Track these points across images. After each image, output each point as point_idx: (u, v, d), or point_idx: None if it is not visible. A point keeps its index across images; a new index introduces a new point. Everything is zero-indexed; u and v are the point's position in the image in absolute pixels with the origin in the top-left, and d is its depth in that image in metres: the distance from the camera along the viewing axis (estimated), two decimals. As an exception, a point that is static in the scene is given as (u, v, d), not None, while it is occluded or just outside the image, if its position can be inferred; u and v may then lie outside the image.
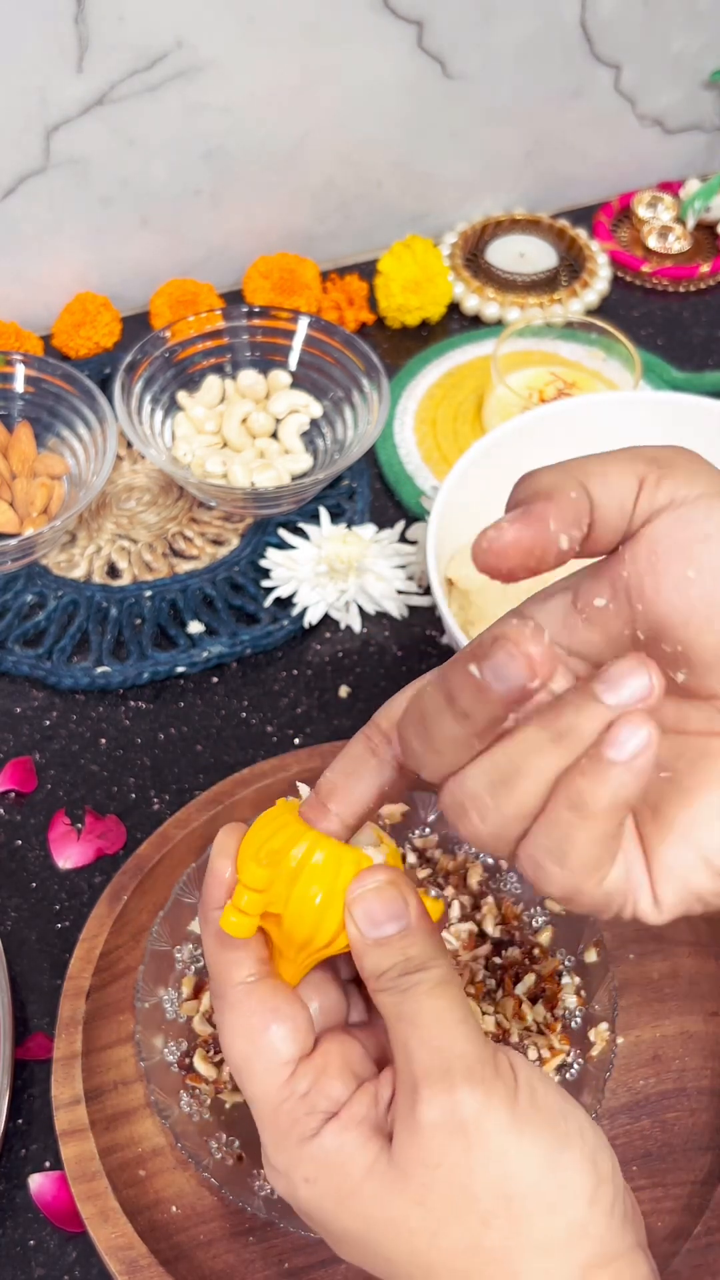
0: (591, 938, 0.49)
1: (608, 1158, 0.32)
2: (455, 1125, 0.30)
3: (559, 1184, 0.30)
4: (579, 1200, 0.30)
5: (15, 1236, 0.45)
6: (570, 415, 0.61)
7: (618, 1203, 0.31)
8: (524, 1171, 0.30)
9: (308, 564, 0.64)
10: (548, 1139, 0.30)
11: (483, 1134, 0.30)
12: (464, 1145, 0.30)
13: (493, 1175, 0.30)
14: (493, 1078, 0.31)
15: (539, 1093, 0.31)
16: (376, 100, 0.79)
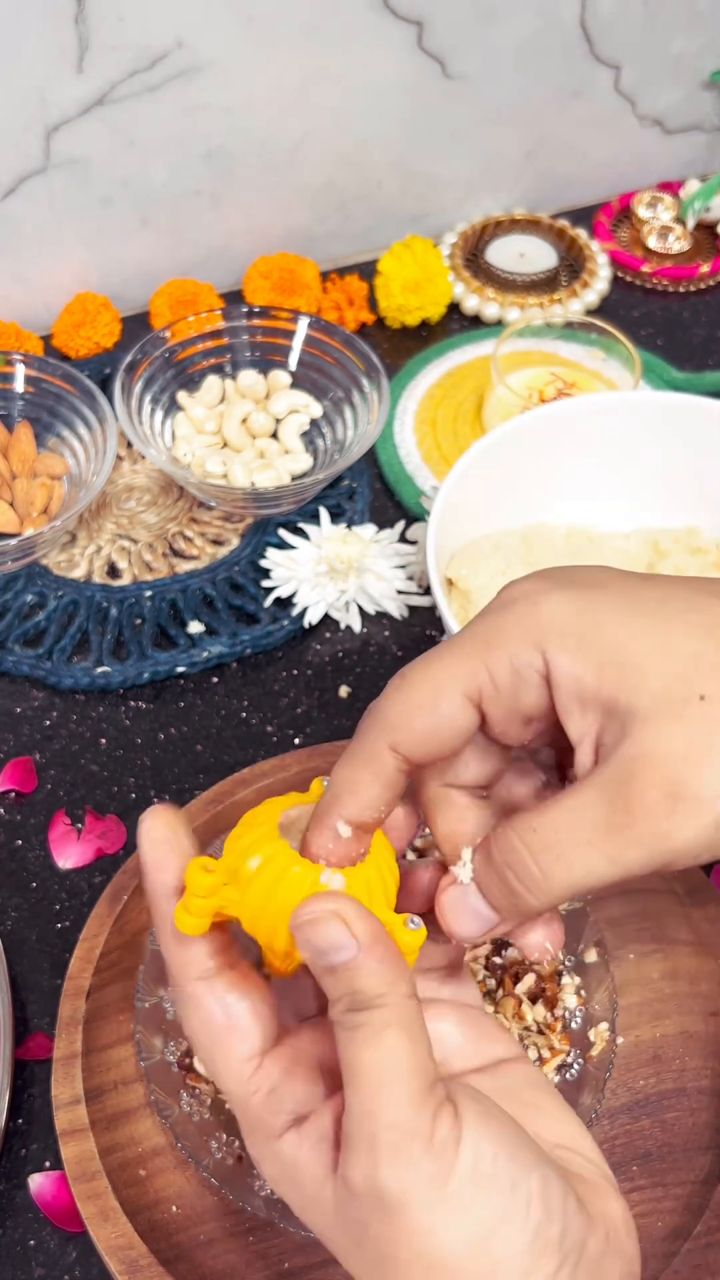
0: (591, 938, 0.49)
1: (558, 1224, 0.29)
2: (376, 1198, 0.29)
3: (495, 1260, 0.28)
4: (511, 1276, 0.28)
5: (15, 1236, 0.45)
6: (570, 415, 0.61)
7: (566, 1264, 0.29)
8: (451, 1250, 0.28)
9: (308, 564, 0.64)
10: (482, 1216, 0.28)
11: (406, 1212, 0.28)
12: (387, 1219, 0.28)
13: (417, 1251, 0.28)
14: (420, 1155, 0.28)
15: (484, 1163, 0.29)
16: (376, 100, 0.79)
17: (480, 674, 0.31)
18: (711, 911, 0.50)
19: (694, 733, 0.28)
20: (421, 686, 0.31)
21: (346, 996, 0.30)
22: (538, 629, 0.30)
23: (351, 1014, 0.29)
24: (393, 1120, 0.28)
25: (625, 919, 0.51)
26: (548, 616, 0.30)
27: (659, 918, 0.50)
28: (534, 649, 0.30)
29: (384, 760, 0.32)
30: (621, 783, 0.29)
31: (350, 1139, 0.29)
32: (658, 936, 0.50)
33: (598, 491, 0.62)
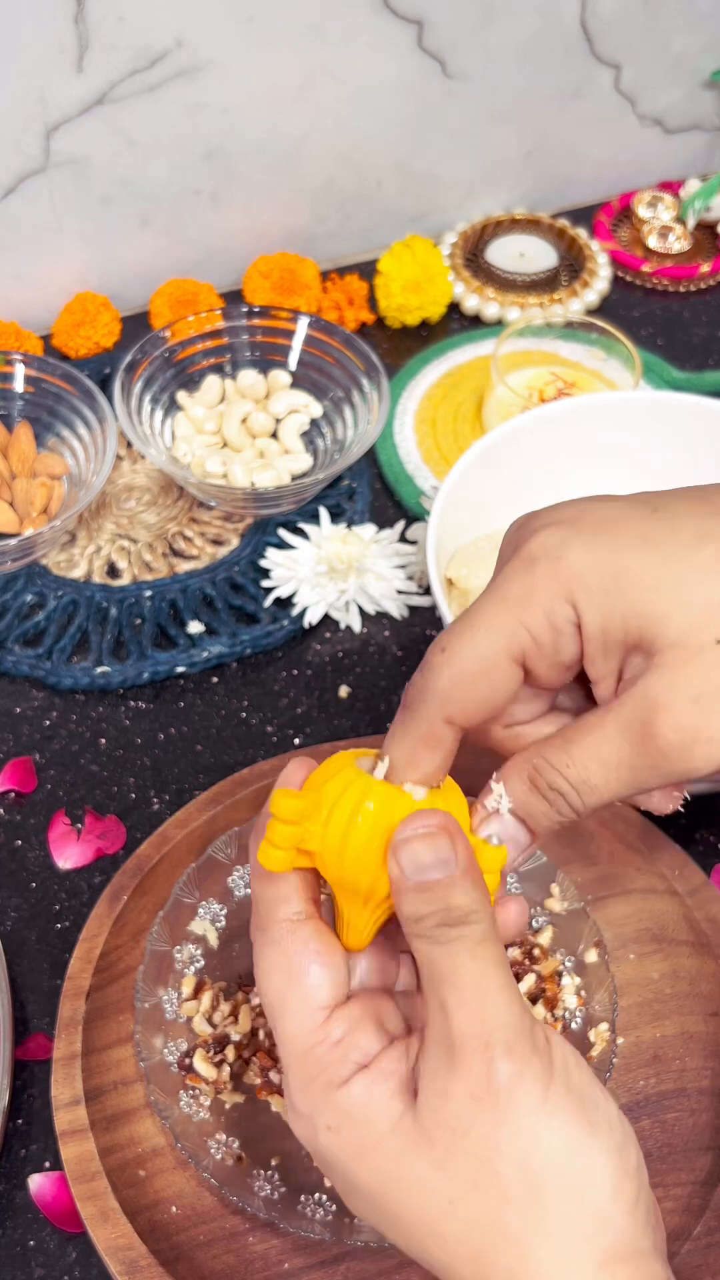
0: (591, 938, 0.49)
1: (634, 1153, 0.31)
2: (489, 1096, 0.30)
3: (584, 1171, 0.30)
4: (602, 1191, 0.30)
5: (15, 1237, 0.45)
6: (570, 415, 0.61)
7: (641, 1200, 0.31)
8: (551, 1155, 0.30)
9: (308, 564, 0.64)
10: (577, 1125, 0.30)
11: (515, 1110, 0.30)
12: (495, 1118, 0.30)
13: (519, 1153, 0.30)
14: (530, 1054, 0.30)
15: (573, 1076, 0.31)
16: (376, 100, 0.79)
17: (521, 635, 0.33)
18: (711, 911, 0.50)
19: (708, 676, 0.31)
20: (469, 657, 0.33)
21: (440, 912, 0.31)
22: (566, 584, 0.32)
23: (445, 929, 0.31)
24: (505, 1021, 0.30)
25: (625, 919, 0.51)
26: (572, 570, 0.32)
27: (659, 918, 0.50)
28: (566, 603, 0.32)
29: (440, 733, 0.34)
30: (644, 723, 0.31)
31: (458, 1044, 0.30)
32: (658, 937, 0.50)
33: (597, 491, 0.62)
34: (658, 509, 0.33)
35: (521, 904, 0.36)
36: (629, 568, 0.31)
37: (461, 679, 0.33)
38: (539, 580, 0.32)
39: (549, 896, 0.51)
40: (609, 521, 0.33)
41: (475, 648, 0.33)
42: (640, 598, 0.31)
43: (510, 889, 0.51)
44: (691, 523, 0.32)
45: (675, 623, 0.31)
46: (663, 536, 0.32)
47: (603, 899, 0.51)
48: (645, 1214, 0.31)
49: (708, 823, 0.57)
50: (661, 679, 0.31)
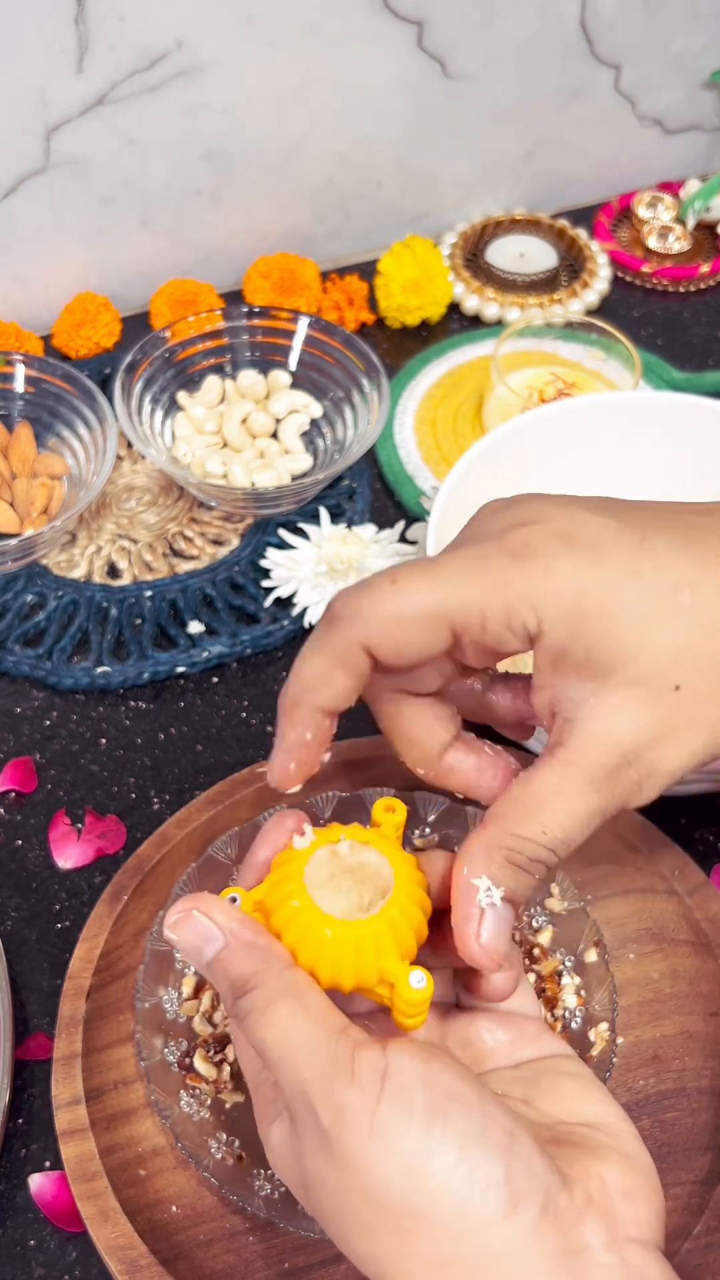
0: (591, 938, 0.49)
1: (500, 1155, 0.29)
2: (325, 1145, 0.30)
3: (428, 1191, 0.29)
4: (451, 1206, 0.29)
5: (15, 1236, 0.45)
6: (570, 415, 0.61)
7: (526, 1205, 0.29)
8: (390, 1182, 0.29)
9: (308, 564, 0.64)
10: (413, 1145, 0.29)
11: (345, 1151, 0.29)
12: (331, 1164, 0.30)
13: (361, 1190, 0.29)
14: (348, 1088, 0.29)
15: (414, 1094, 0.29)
16: (376, 100, 0.79)
17: (472, 614, 0.32)
18: (711, 911, 0.50)
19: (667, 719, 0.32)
20: (411, 603, 0.32)
21: (229, 986, 0.32)
22: (541, 596, 0.32)
23: (237, 1004, 0.31)
24: (316, 1070, 0.30)
25: (625, 919, 0.51)
26: (553, 586, 0.32)
27: (659, 918, 0.50)
28: (532, 613, 0.32)
29: (358, 659, 0.33)
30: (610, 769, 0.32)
31: (292, 1111, 0.31)
32: (657, 936, 0.50)
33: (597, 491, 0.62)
34: (644, 540, 0.33)
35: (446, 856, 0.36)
36: (609, 601, 0.32)
37: (394, 618, 0.33)
38: (516, 579, 0.32)
39: (549, 896, 0.51)
40: (600, 546, 0.33)
41: (425, 599, 0.32)
42: (614, 630, 0.32)
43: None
44: (675, 564, 0.32)
45: (642, 664, 0.32)
46: (647, 574, 0.32)
47: (602, 898, 0.51)
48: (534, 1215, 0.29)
49: (708, 823, 0.57)
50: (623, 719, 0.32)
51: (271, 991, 0.31)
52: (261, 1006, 0.31)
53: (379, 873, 0.34)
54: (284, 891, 0.33)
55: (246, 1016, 0.31)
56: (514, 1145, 0.29)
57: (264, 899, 0.34)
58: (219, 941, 0.32)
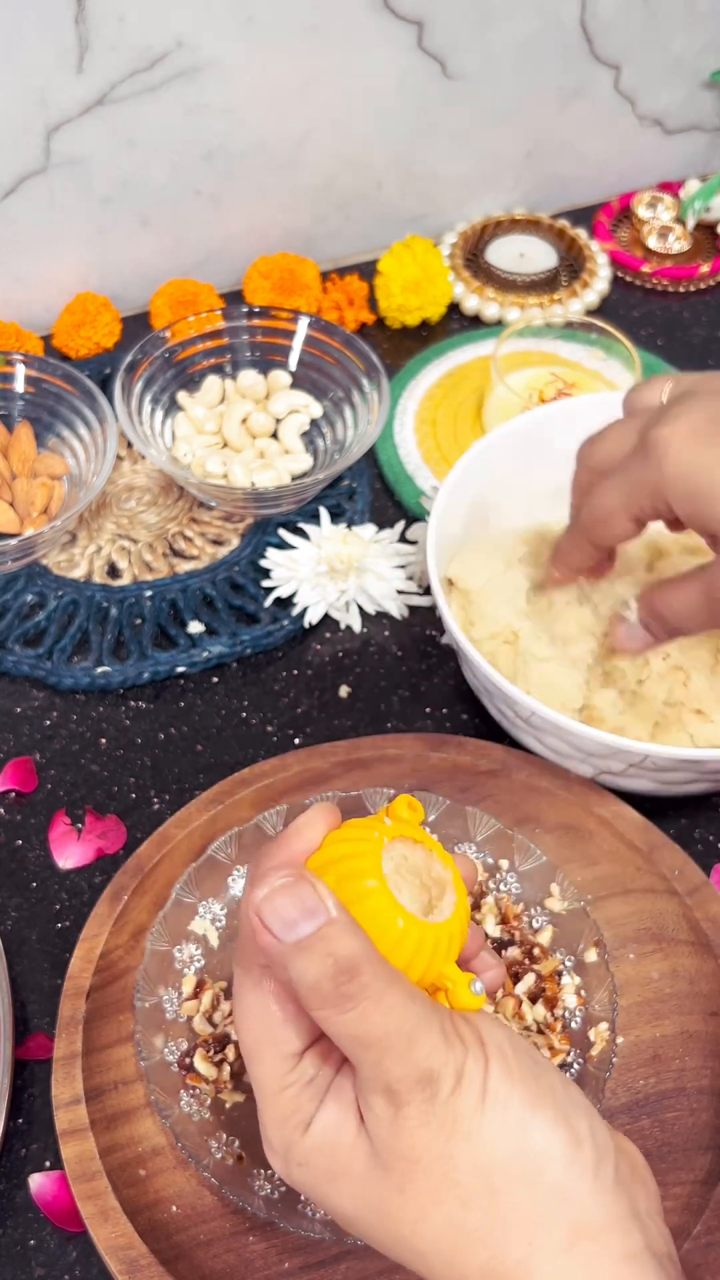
0: (591, 937, 0.49)
1: (584, 1119, 0.31)
2: (434, 1120, 0.30)
3: (532, 1154, 0.30)
4: (555, 1167, 0.30)
5: (15, 1236, 0.45)
6: (570, 415, 0.61)
7: (604, 1166, 0.31)
8: (496, 1148, 0.30)
9: (308, 564, 0.64)
10: (518, 1109, 0.30)
11: (458, 1121, 0.30)
12: (442, 1135, 0.30)
13: (469, 1158, 0.30)
14: (463, 1061, 0.31)
15: (509, 1059, 0.31)
16: (376, 100, 0.79)
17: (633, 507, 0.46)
18: (711, 911, 0.50)
19: None
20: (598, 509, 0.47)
21: (329, 972, 0.30)
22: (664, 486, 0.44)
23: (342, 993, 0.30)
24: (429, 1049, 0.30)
25: (625, 918, 0.51)
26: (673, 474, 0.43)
27: (659, 917, 0.50)
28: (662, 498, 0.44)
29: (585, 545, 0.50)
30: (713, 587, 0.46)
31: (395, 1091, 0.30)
32: (657, 936, 0.50)
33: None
34: None
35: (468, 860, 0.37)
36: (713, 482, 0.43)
37: (595, 520, 0.48)
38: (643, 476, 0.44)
39: (549, 896, 0.51)
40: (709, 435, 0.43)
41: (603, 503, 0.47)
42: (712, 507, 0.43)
43: (510, 889, 0.51)
44: None
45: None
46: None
47: (602, 898, 0.51)
48: (613, 1180, 0.31)
49: (708, 823, 0.57)
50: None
51: (385, 977, 0.30)
52: (376, 993, 0.30)
53: (436, 872, 0.34)
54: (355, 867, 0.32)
55: (357, 1005, 0.30)
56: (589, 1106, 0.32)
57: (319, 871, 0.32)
58: (323, 918, 0.30)
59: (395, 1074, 0.30)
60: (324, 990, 0.30)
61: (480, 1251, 0.30)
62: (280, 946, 0.30)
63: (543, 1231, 0.30)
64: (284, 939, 0.30)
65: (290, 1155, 0.33)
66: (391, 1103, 0.31)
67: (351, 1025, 0.30)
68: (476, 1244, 0.30)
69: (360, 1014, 0.30)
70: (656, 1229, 0.31)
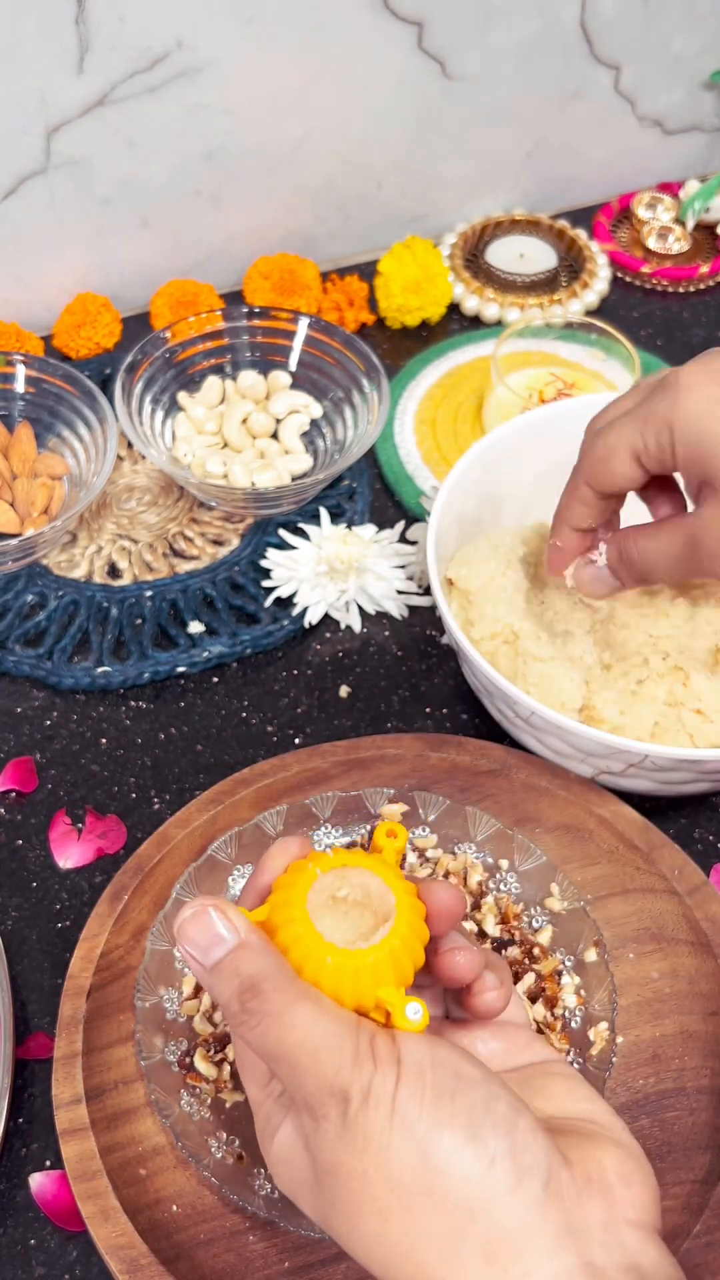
0: (591, 937, 0.49)
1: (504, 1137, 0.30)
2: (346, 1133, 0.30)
3: (438, 1170, 0.30)
4: (463, 1185, 0.30)
5: (16, 1235, 0.45)
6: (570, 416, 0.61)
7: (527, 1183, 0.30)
8: (405, 1163, 0.30)
9: (308, 564, 0.64)
10: (425, 1126, 0.30)
11: (366, 1136, 0.30)
12: (353, 1150, 0.30)
13: (380, 1172, 0.30)
14: (368, 1080, 0.30)
15: (425, 1078, 0.31)
16: (377, 101, 0.79)
17: (636, 440, 0.45)
18: (711, 911, 0.50)
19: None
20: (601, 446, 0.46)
21: (236, 989, 0.31)
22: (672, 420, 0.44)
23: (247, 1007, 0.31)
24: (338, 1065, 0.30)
25: (624, 918, 0.51)
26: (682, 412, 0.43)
27: (658, 917, 0.50)
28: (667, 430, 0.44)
29: (585, 493, 0.48)
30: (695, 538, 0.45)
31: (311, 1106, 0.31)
32: (657, 936, 0.50)
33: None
34: None
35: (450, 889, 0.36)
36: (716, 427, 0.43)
37: (596, 459, 0.47)
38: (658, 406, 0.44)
39: (549, 896, 0.51)
40: None
41: (606, 440, 0.46)
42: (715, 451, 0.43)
43: (510, 889, 0.51)
44: None
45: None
46: None
47: (602, 898, 0.51)
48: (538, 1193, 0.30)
49: (708, 823, 0.57)
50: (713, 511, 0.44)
51: (290, 994, 0.31)
52: (279, 1009, 0.31)
53: (382, 899, 0.34)
54: (287, 915, 0.33)
55: (261, 1020, 0.31)
56: (517, 1120, 0.31)
57: (267, 920, 0.34)
58: (231, 943, 0.32)
59: (308, 1088, 0.31)
60: (232, 1009, 0.32)
61: (406, 1265, 0.30)
62: (201, 971, 0.32)
63: (459, 1248, 0.29)
64: (204, 964, 0.32)
65: (268, 1163, 0.34)
66: (311, 1117, 0.31)
67: (258, 1040, 0.31)
68: (401, 1256, 0.30)
69: (264, 1030, 0.31)
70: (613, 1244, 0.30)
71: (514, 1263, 0.29)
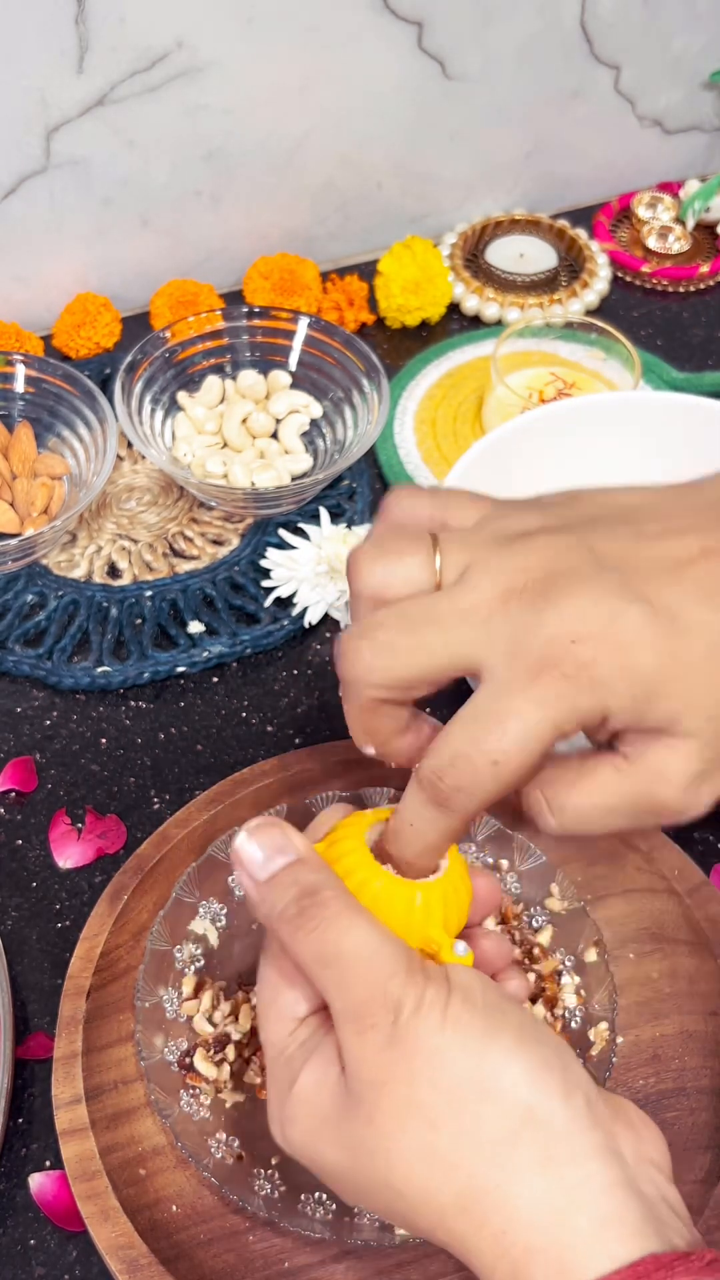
0: (591, 937, 0.49)
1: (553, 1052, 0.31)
2: (396, 1041, 0.30)
3: (494, 1071, 0.30)
4: (517, 1086, 0.30)
5: (15, 1235, 0.45)
6: (570, 416, 0.61)
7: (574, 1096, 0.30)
8: (458, 1064, 0.30)
9: (308, 564, 0.64)
10: (479, 1033, 0.31)
11: (419, 1040, 0.30)
12: (404, 1055, 0.30)
13: (429, 1075, 0.30)
14: (424, 985, 0.31)
15: (474, 994, 0.31)
16: (376, 101, 0.79)
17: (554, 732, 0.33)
18: (711, 911, 0.50)
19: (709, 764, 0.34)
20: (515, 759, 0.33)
21: (294, 895, 0.32)
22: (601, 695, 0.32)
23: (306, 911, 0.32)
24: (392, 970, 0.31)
25: (624, 918, 0.51)
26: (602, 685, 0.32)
27: (658, 917, 0.50)
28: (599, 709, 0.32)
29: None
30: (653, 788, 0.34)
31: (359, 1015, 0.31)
32: (657, 936, 0.50)
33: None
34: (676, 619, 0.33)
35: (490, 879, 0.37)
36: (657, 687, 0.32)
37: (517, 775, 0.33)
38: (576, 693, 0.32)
39: (548, 896, 0.51)
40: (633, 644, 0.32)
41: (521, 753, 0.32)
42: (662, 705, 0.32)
43: (510, 889, 0.51)
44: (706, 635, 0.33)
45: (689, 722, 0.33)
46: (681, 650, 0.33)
47: (602, 898, 0.51)
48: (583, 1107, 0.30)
49: (707, 823, 0.57)
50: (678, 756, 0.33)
51: (346, 904, 0.32)
52: (335, 915, 0.31)
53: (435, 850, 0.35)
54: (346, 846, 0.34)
55: (319, 922, 0.31)
56: (561, 1048, 0.32)
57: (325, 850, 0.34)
58: (291, 856, 0.33)
59: (358, 995, 0.31)
60: (289, 914, 0.32)
61: (453, 1177, 0.30)
62: (256, 886, 0.33)
63: (513, 1152, 0.29)
64: (258, 877, 0.33)
65: (283, 1116, 0.33)
66: (356, 1029, 0.31)
67: (314, 943, 0.31)
68: (448, 1168, 0.30)
69: (321, 931, 0.31)
70: (645, 1174, 0.31)
71: (572, 1167, 0.29)
